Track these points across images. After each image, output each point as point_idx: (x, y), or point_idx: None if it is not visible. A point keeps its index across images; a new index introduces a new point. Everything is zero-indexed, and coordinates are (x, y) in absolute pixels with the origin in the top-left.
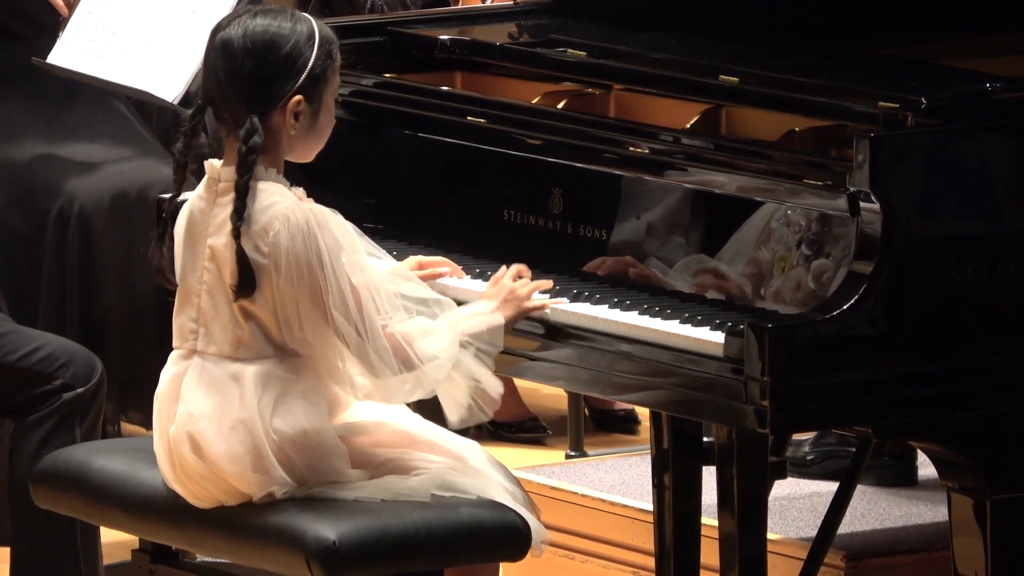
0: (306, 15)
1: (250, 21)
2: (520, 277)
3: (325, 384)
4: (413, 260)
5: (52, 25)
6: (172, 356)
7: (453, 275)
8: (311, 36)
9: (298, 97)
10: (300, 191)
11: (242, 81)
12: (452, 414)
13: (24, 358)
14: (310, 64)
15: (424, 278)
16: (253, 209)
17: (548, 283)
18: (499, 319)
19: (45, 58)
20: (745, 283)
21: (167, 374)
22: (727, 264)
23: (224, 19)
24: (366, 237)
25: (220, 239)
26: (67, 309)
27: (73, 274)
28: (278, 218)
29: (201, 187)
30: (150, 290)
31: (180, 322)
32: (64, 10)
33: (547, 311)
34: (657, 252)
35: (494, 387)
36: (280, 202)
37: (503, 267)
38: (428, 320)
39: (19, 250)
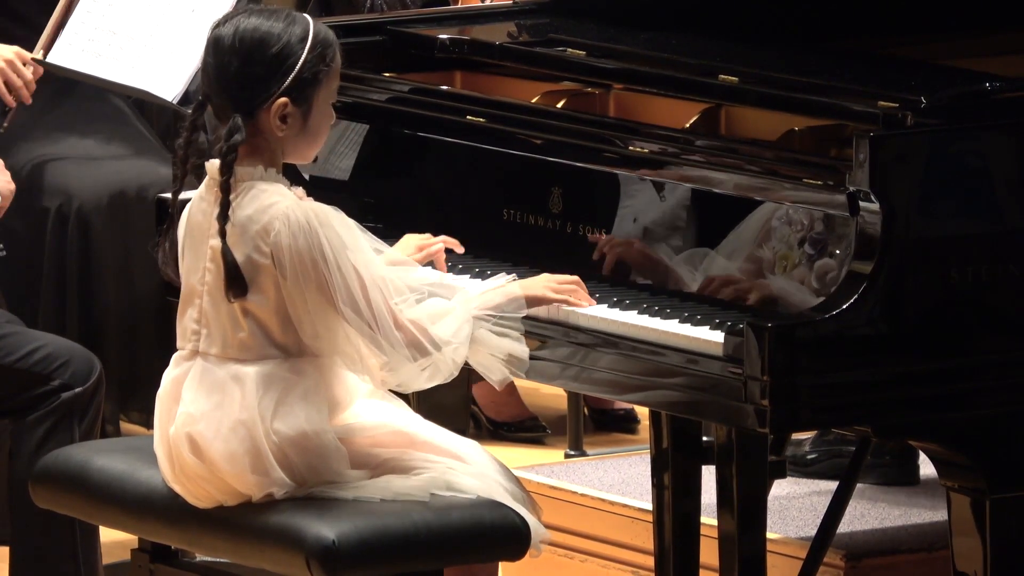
0: (305, 16)
1: (244, 20)
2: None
3: (326, 384)
4: (411, 243)
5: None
6: (175, 357)
7: (452, 249)
8: (304, 38)
9: (283, 99)
10: (300, 190)
11: (228, 79)
12: (492, 381)
13: (23, 359)
14: (298, 66)
15: (422, 260)
16: (253, 210)
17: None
18: (515, 289)
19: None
20: (744, 282)
21: (169, 375)
22: (724, 264)
23: (222, 17)
24: (369, 233)
25: (220, 240)
26: (67, 308)
27: (72, 274)
28: (278, 218)
29: (202, 187)
30: (149, 290)
31: (183, 323)
32: (10, 101)
33: (583, 308)
34: (656, 251)
35: (522, 352)
36: (280, 202)
37: None
38: (441, 301)
39: (18, 249)
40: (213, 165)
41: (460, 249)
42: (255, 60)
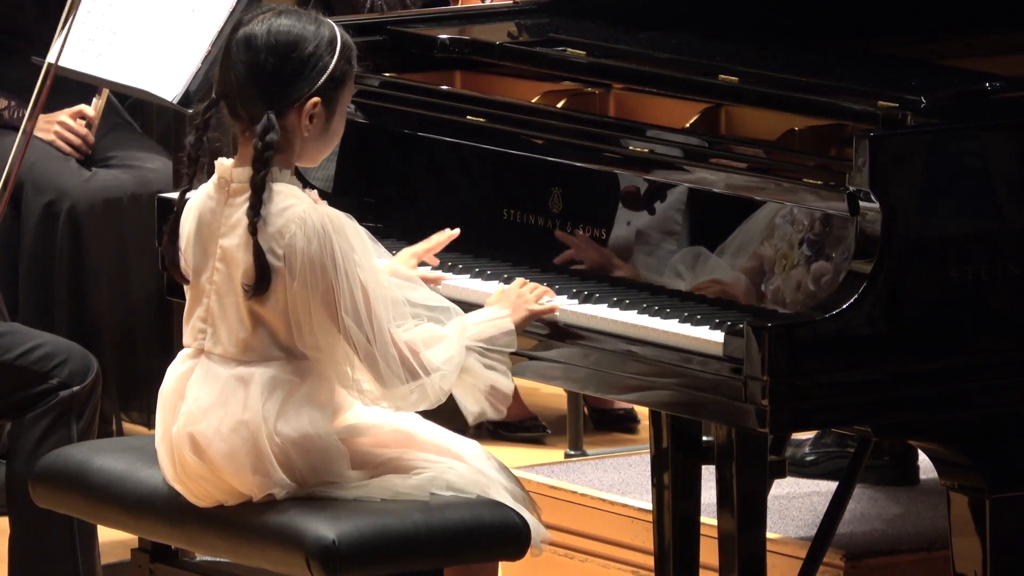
0: (327, 19)
1: (274, 19)
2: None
3: (329, 386)
4: (405, 253)
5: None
6: (180, 354)
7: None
8: (333, 40)
9: (316, 99)
10: (314, 193)
11: (263, 77)
12: (467, 414)
13: (21, 357)
14: (331, 67)
15: (425, 279)
16: (269, 211)
17: (552, 293)
18: (508, 323)
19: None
20: (745, 280)
21: (174, 372)
22: (730, 259)
23: (247, 16)
24: (379, 243)
25: (232, 239)
26: (54, 308)
27: (61, 274)
28: (295, 221)
29: (210, 187)
30: (147, 290)
31: (191, 322)
32: (77, 155)
33: (556, 313)
34: (655, 250)
35: (506, 386)
36: (296, 205)
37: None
38: (436, 327)
39: (5, 244)
40: (223, 164)
41: (455, 233)
42: (292, 58)
